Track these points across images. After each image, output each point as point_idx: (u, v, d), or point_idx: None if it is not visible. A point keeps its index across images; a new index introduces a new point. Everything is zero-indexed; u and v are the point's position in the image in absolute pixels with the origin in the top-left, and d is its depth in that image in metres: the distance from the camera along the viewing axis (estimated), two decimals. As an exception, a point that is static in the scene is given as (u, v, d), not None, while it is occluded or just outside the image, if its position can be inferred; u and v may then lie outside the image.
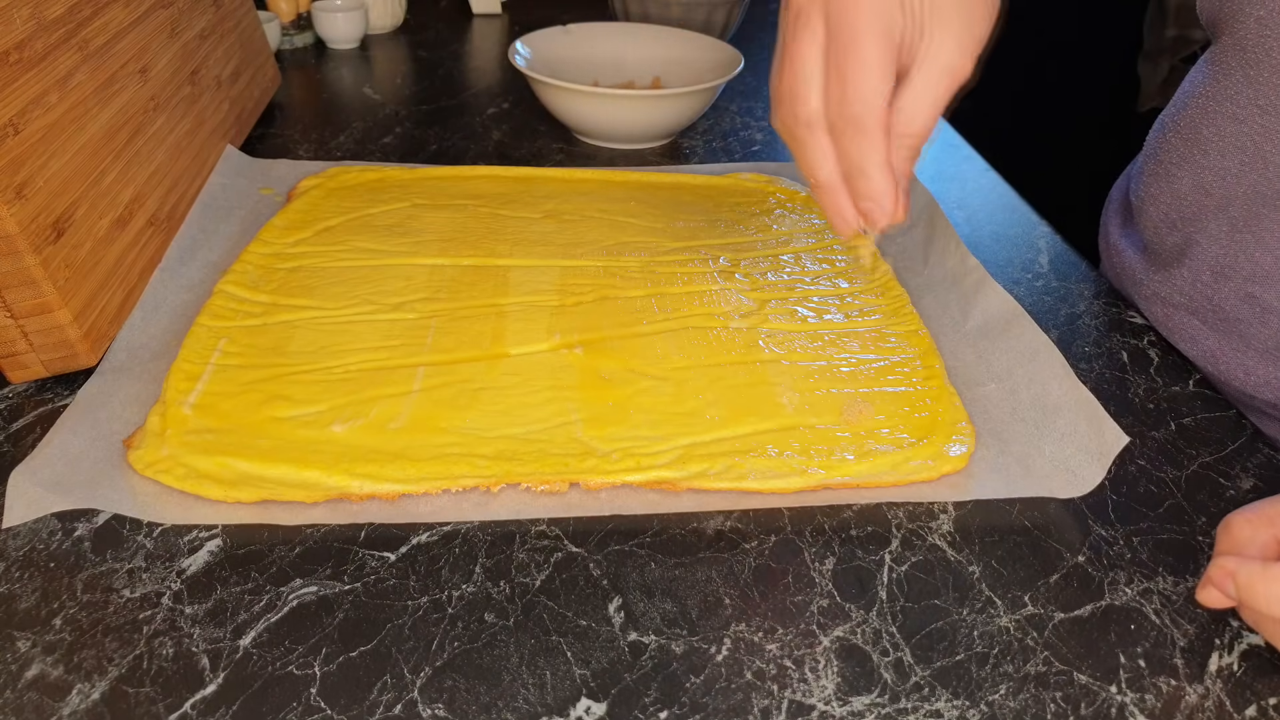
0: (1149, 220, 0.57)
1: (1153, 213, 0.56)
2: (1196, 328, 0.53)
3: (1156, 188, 0.56)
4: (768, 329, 0.52)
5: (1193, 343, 0.53)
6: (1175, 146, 0.54)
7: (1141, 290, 0.57)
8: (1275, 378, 0.49)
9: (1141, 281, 0.57)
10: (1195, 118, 0.53)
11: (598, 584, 0.37)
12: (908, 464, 0.43)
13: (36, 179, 0.43)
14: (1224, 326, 0.51)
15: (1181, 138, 0.54)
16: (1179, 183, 0.54)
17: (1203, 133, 0.52)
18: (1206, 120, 0.52)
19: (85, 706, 0.31)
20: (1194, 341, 0.53)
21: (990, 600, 0.37)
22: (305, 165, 0.68)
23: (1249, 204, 0.49)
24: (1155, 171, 0.56)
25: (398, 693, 0.33)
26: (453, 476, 0.41)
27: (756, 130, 0.82)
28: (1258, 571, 0.33)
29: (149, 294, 0.51)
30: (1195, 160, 0.52)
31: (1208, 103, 0.52)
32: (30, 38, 0.44)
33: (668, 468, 0.42)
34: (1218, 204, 0.51)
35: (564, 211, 0.63)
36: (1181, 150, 0.54)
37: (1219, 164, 0.51)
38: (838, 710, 0.33)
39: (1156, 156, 0.57)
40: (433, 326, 0.51)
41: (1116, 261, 0.61)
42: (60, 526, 0.38)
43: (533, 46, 0.80)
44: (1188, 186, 0.53)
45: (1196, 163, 0.52)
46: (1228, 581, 0.34)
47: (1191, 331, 0.53)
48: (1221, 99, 0.51)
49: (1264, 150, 0.48)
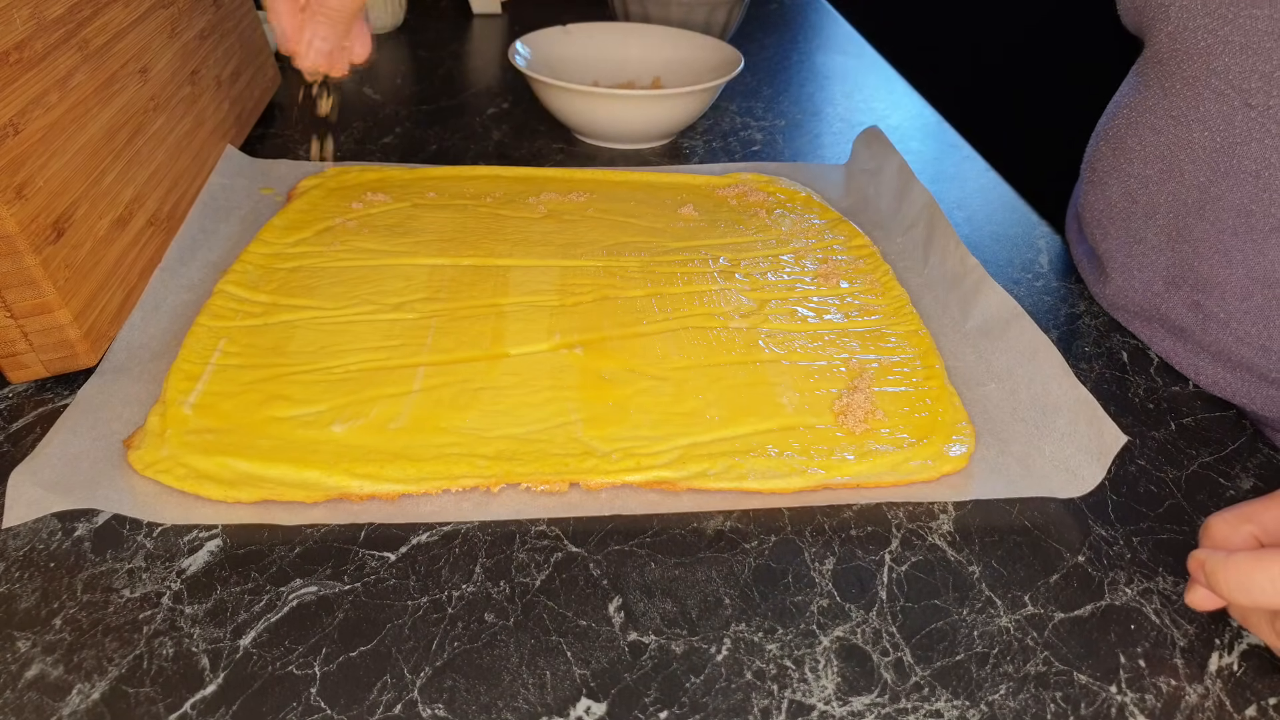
0: (1089, 229, 0.58)
1: (1089, 220, 0.58)
2: (1154, 329, 0.54)
3: (1092, 195, 0.57)
4: (768, 329, 0.52)
5: (1151, 342, 0.55)
6: (1105, 156, 0.56)
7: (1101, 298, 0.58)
8: (1224, 379, 0.51)
9: (1097, 290, 0.58)
10: (1122, 127, 0.54)
11: (598, 584, 0.37)
12: (908, 464, 0.43)
13: (36, 179, 0.43)
14: (1176, 332, 0.53)
15: (1110, 147, 0.55)
16: (1110, 190, 0.55)
17: (1128, 142, 0.54)
18: (1131, 130, 0.53)
19: (85, 706, 0.31)
20: (1152, 341, 0.54)
21: (990, 600, 0.37)
22: (305, 165, 0.68)
23: (1174, 214, 0.51)
24: (1090, 180, 0.58)
25: (398, 693, 0.33)
26: (453, 476, 0.41)
27: (756, 130, 0.82)
28: (1220, 559, 0.33)
29: (149, 294, 0.51)
30: (1122, 169, 0.54)
31: (1131, 113, 0.54)
32: (30, 38, 0.44)
33: (668, 468, 0.42)
34: (1145, 212, 0.53)
35: (564, 211, 0.64)
36: (1110, 160, 0.55)
37: (1142, 172, 0.52)
38: (838, 710, 0.33)
39: (1091, 165, 0.58)
40: (433, 326, 0.51)
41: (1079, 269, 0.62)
42: (60, 526, 0.38)
43: (533, 46, 0.80)
44: (1117, 194, 0.55)
45: (1124, 171, 0.54)
46: (1199, 572, 0.34)
47: (1148, 334, 0.55)
48: (1143, 109, 0.52)
49: (1179, 160, 0.50)
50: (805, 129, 0.83)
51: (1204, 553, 0.34)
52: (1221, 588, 0.33)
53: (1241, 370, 0.50)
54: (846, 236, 0.62)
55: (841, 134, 0.82)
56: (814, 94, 0.92)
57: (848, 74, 0.99)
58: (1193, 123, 0.49)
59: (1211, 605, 0.36)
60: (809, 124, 0.84)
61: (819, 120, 0.86)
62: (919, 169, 0.74)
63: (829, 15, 1.19)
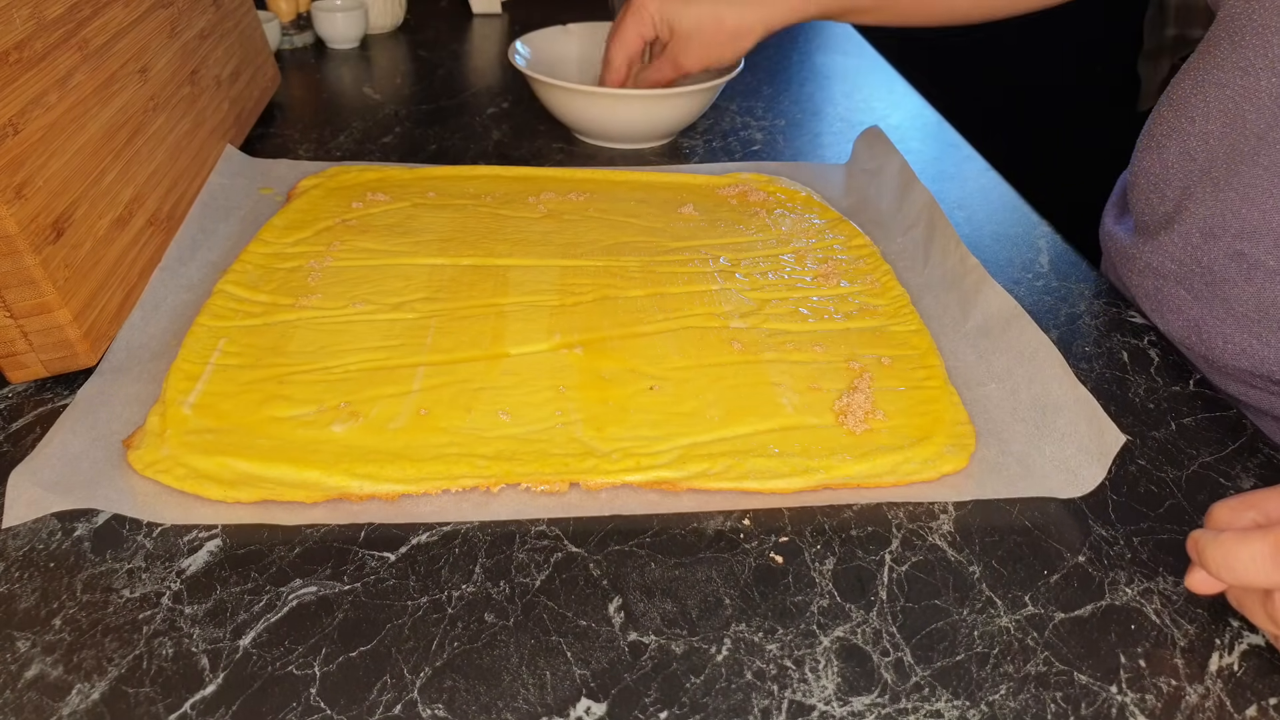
0: (1139, 194, 0.59)
1: (1143, 184, 0.58)
2: (1182, 297, 0.55)
3: (1147, 160, 0.58)
4: (768, 329, 0.52)
5: (1177, 313, 0.55)
6: (1166, 119, 0.57)
7: (1133, 265, 0.59)
8: (1252, 346, 0.51)
9: (1133, 256, 0.59)
10: (1186, 90, 0.56)
11: (598, 584, 0.37)
12: (908, 464, 0.43)
13: (36, 179, 0.43)
14: (1209, 292, 0.53)
15: (1173, 110, 0.57)
16: (1167, 153, 0.56)
17: (1190, 102, 0.55)
18: (1195, 90, 0.55)
19: (85, 706, 0.31)
20: (1179, 312, 0.55)
21: (990, 600, 0.37)
22: (305, 165, 0.68)
23: (1229, 162, 0.52)
24: (1147, 146, 0.59)
25: (398, 693, 0.33)
26: (453, 476, 0.41)
27: (756, 130, 0.82)
28: (1210, 537, 0.34)
29: (149, 294, 0.51)
30: (1182, 129, 0.55)
31: (1197, 74, 0.55)
32: (30, 37, 0.44)
33: (668, 468, 0.42)
34: (1201, 168, 0.54)
35: (564, 211, 0.63)
36: (1171, 121, 0.56)
37: (1203, 129, 0.54)
38: (838, 710, 0.33)
39: (1149, 132, 0.59)
40: (432, 326, 0.51)
41: (1110, 246, 0.63)
42: (60, 526, 0.38)
43: (533, 46, 0.80)
44: (1174, 155, 0.56)
45: (1184, 131, 0.55)
46: (1193, 550, 0.35)
47: (1177, 302, 0.55)
48: (1209, 67, 0.54)
49: (1243, 110, 0.51)
50: (805, 129, 0.83)
51: (1198, 532, 0.35)
52: (1209, 565, 0.34)
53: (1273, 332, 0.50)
54: (847, 236, 0.62)
55: (841, 134, 0.82)
56: (814, 94, 0.92)
57: (848, 74, 0.99)
58: (1260, 70, 0.50)
59: (1209, 588, 0.36)
60: (809, 124, 0.84)
61: (819, 120, 0.85)
62: (919, 169, 0.74)
63: (829, 15, 1.19)
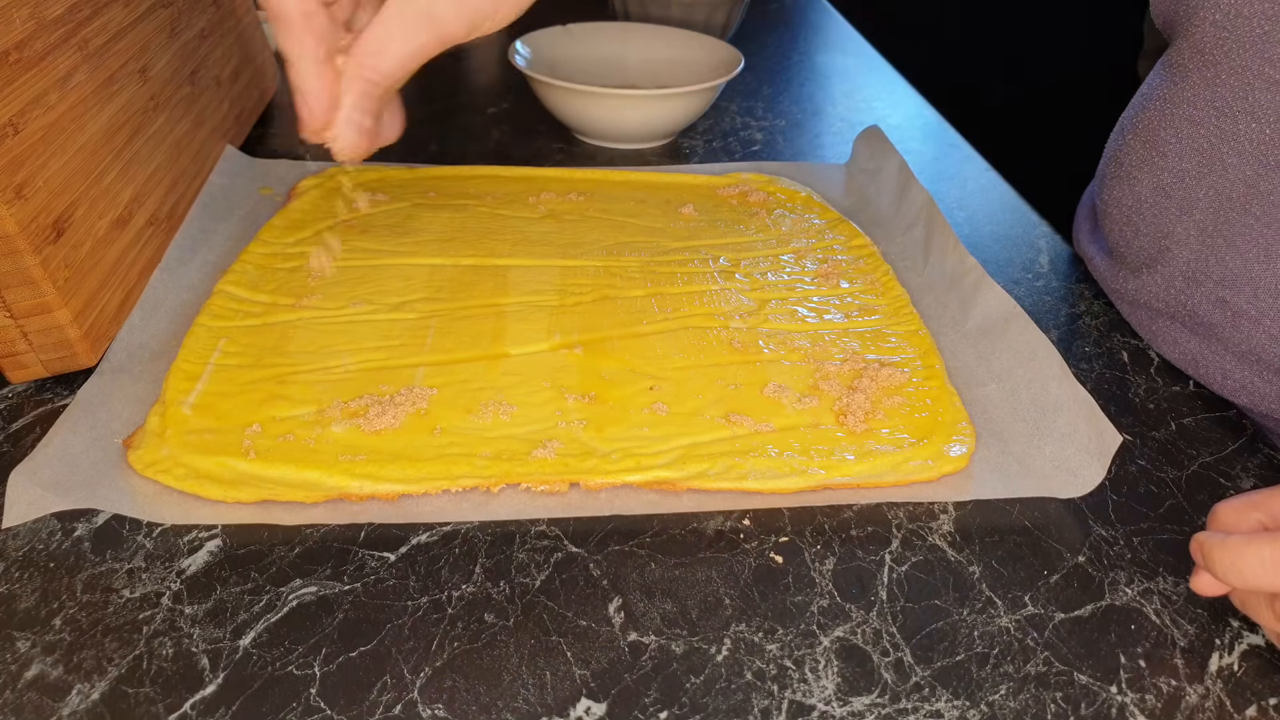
0: (1113, 224, 0.57)
1: (1116, 216, 0.56)
2: (1178, 330, 0.53)
3: (1118, 190, 0.56)
4: (768, 329, 0.52)
5: (1174, 345, 0.53)
6: (1134, 149, 0.54)
7: (1120, 296, 0.57)
8: (1251, 382, 0.49)
9: (1117, 289, 0.57)
10: (1153, 120, 0.53)
11: (598, 584, 0.37)
12: (908, 464, 0.43)
13: (36, 179, 0.43)
14: (1202, 330, 0.51)
15: (1140, 140, 0.54)
16: (1139, 185, 0.54)
17: (1160, 135, 0.52)
18: (1164, 123, 0.52)
19: (85, 707, 0.31)
20: (1175, 344, 0.53)
21: (990, 600, 0.37)
22: (305, 165, 0.68)
23: (1214, 208, 0.49)
24: (1116, 175, 0.56)
25: (398, 693, 0.33)
26: (452, 476, 0.41)
27: (756, 130, 0.82)
28: (1216, 541, 0.34)
29: (149, 294, 0.51)
30: (1154, 163, 0.53)
31: (1165, 105, 0.52)
32: (30, 38, 0.44)
33: (668, 468, 0.42)
34: (1179, 207, 0.51)
35: (564, 211, 0.63)
36: (1140, 153, 0.54)
37: (1177, 166, 0.51)
38: (838, 710, 0.33)
39: (1116, 159, 0.56)
40: (432, 326, 0.51)
41: (1092, 268, 0.61)
42: (60, 526, 0.38)
43: (533, 46, 0.80)
44: (1147, 189, 0.53)
45: (1155, 165, 0.52)
46: (1198, 554, 0.35)
47: (1173, 334, 0.53)
48: (1179, 101, 0.51)
49: (1220, 153, 0.48)
50: (805, 129, 0.83)
51: (1204, 535, 0.35)
52: (1216, 569, 0.34)
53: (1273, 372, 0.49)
54: (847, 236, 0.62)
55: (841, 134, 0.82)
56: (814, 94, 0.92)
57: (848, 74, 0.99)
58: (1239, 114, 0.47)
59: (1214, 590, 0.36)
60: (809, 124, 0.84)
61: (819, 120, 0.85)
62: (919, 169, 0.74)
63: (829, 15, 1.19)
